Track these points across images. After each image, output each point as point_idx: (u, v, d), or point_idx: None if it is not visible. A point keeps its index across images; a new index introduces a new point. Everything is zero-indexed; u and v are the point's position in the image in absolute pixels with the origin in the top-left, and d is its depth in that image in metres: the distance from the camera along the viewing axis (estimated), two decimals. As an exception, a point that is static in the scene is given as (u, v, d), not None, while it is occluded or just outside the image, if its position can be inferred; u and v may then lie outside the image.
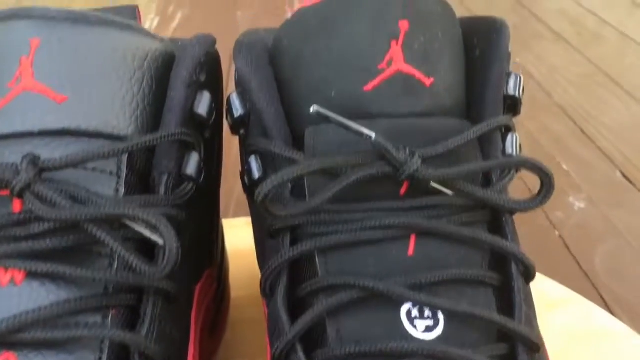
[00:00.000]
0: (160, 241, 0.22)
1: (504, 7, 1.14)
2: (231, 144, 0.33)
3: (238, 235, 0.43)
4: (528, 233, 0.40)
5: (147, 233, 0.22)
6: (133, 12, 0.33)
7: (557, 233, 0.55)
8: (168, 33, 1.00)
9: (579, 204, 0.58)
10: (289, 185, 0.26)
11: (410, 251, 0.24)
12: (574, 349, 0.37)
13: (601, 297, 0.48)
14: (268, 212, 0.22)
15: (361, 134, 0.23)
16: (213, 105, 0.28)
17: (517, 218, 0.26)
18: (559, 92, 0.81)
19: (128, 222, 0.22)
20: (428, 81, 0.25)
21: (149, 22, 1.04)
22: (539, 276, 0.25)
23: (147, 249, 0.24)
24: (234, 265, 0.42)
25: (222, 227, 0.38)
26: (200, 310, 0.29)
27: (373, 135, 0.23)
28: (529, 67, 0.87)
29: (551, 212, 0.57)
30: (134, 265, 0.22)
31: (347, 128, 0.23)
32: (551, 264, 0.51)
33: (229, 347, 0.37)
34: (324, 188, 0.23)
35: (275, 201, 0.25)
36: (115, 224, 0.23)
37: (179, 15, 1.08)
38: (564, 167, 0.65)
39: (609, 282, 0.49)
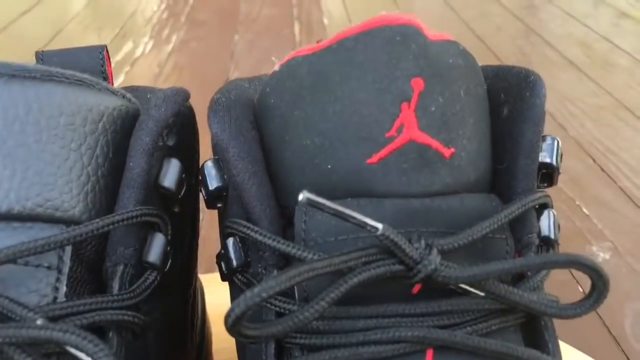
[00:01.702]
0: (100, 372, 0.16)
1: (513, 32, 1.09)
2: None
3: (224, 294, 0.38)
4: (547, 289, 0.35)
5: (84, 358, 0.17)
6: (98, 54, 0.28)
7: (580, 289, 0.50)
8: (163, 57, 0.96)
9: (604, 255, 0.53)
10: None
11: (427, 371, 0.19)
12: None
13: (633, 366, 0.43)
14: (243, 337, 0.17)
15: (365, 226, 0.18)
16: (183, 175, 0.23)
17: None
18: (574, 125, 0.76)
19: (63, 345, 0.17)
20: (447, 152, 0.21)
21: (143, 45, 1.00)
22: (564, 346, 0.21)
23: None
24: (219, 331, 0.37)
25: (202, 296, 0.33)
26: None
27: (380, 227, 0.18)
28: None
29: (581, 280, 0.52)
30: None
31: (347, 219, 0.18)
32: (575, 328, 0.46)
33: None
34: (318, 294, 0.18)
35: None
36: (44, 343, 0.18)
37: (174, 39, 1.04)
38: (585, 210, 0.59)
39: (641, 348, 0.44)
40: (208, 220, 0.58)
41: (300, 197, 0.18)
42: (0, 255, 0.18)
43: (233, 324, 0.16)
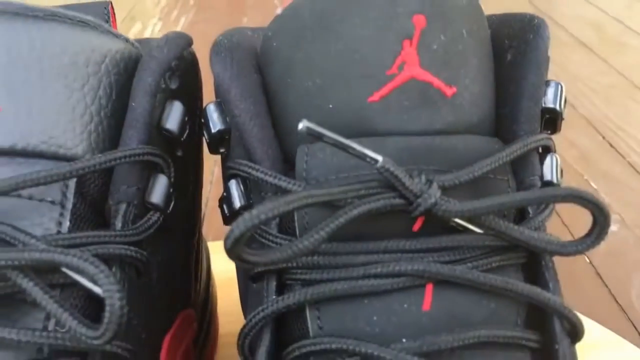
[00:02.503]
0: (101, 294, 0.17)
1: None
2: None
3: (230, 260, 0.38)
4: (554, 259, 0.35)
5: (86, 283, 0.17)
6: (103, 9, 0.28)
7: (587, 259, 0.49)
8: (171, 39, 0.96)
9: (611, 227, 0.52)
10: (277, 219, 0.21)
11: (426, 305, 0.19)
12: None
13: (639, 334, 0.43)
14: (242, 261, 0.17)
15: (365, 157, 0.18)
16: (186, 118, 0.23)
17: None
18: (584, 104, 0.75)
19: (65, 270, 0.18)
20: (449, 91, 0.20)
21: (151, 26, 1.00)
22: None
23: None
24: (225, 295, 0.37)
25: (207, 254, 0.33)
26: (171, 365, 0.24)
27: (380, 159, 0.18)
28: (549, 75, 0.82)
29: (580, 235, 0.51)
30: (67, 326, 0.17)
31: (346, 150, 0.18)
32: (582, 297, 0.45)
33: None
34: (318, 225, 0.18)
35: (256, 239, 0.20)
36: (49, 268, 0.18)
37: (182, 21, 1.04)
38: (593, 185, 0.59)
39: (648, 317, 0.44)
40: (215, 192, 0.59)
41: (300, 126, 0.18)
42: (4, 185, 0.18)
43: (232, 246, 0.16)
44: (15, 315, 0.18)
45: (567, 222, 0.52)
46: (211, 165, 0.60)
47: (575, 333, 0.20)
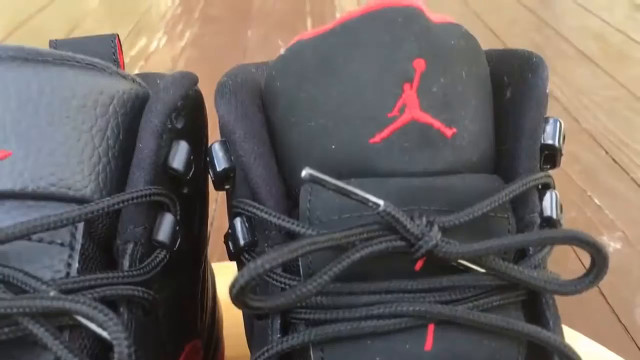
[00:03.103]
0: (109, 339, 0.17)
1: (526, 25, 1.09)
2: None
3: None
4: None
5: (94, 328, 0.18)
6: (110, 42, 0.28)
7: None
8: (176, 52, 0.97)
9: (615, 245, 0.53)
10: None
11: (428, 345, 0.19)
12: None
13: (643, 355, 0.43)
14: (247, 307, 0.17)
15: (367, 202, 0.19)
16: (192, 157, 0.23)
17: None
18: (587, 118, 0.75)
19: (74, 315, 0.18)
20: (449, 132, 0.21)
21: (157, 41, 1.01)
22: (572, 333, 0.21)
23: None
24: (231, 316, 0.37)
25: (212, 279, 0.34)
26: (176, 399, 0.24)
27: (381, 203, 0.19)
28: (553, 89, 0.82)
29: (583, 253, 0.51)
30: (78, 373, 0.17)
31: (348, 195, 0.19)
32: (585, 316, 0.46)
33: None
34: (321, 265, 0.19)
35: (260, 281, 0.21)
36: (57, 315, 0.18)
37: (187, 34, 1.05)
38: (596, 201, 0.59)
39: (652, 337, 0.44)
40: (220, 211, 0.59)
41: (303, 173, 0.18)
42: (15, 231, 0.19)
43: (237, 294, 0.17)
44: (26, 357, 0.19)
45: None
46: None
47: (575, 371, 0.21)
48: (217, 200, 0.60)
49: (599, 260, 0.20)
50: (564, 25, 1.08)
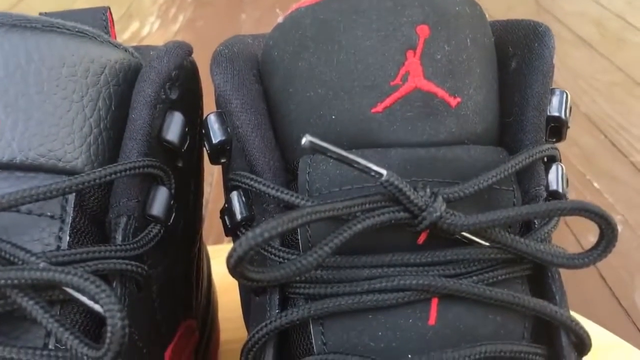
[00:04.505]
0: (102, 312, 0.16)
1: (525, 11, 1.08)
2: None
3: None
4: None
5: (86, 301, 0.17)
6: (101, 15, 0.27)
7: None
8: (169, 36, 0.96)
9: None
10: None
11: (432, 320, 0.19)
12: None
13: (643, 337, 0.43)
14: (245, 279, 0.17)
15: (369, 171, 0.18)
16: (187, 128, 0.22)
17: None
18: (586, 102, 0.75)
19: (66, 288, 0.17)
20: (454, 101, 0.20)
21: (149, 25, 1.00)
22: (574, 315, 0.20)
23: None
24: (226, 300, 0.37)
25: (207, 260, 0.33)
26: (172, 378, 0.23)
27: (384, 173, 0.18)
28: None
29: (583, 236, 0.51)
30: (68, 345, 0.16)
31: (350, 164, 0.18)
32: (586, 299, 0.45)
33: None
34: (321, 239, 0.18)
35: (258, 252, 0.20)
36: (48, 287, 0.18)
37: (180, 18, 1.03)
38: (596, 185, 0.59)
39: (652, 320, 0.44)
40: (215, 194, 0.59)
41: (303, 141, 0.18)
42: (3, 202, 0.18)
43: (235, 265, 0.16)
44: (15, 332, 0.18)
45: (574, 230, 0.52)
46: (210, 167, 0.60)
47: (582, 347, 0.20)
48: (212, 184, 0.60)
49: (607, 232, 0.19)
50: (562, 11, 1.08)
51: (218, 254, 0.38)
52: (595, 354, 0.36)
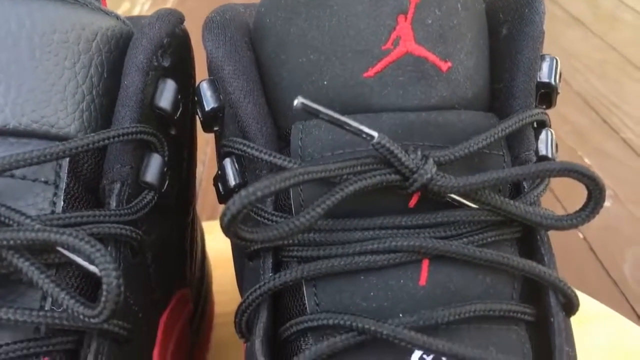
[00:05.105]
0: (98, 273, 0.17)
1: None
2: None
3: (225, 239, 0.38)
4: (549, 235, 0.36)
5: (81, 262, 0.17)
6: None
7: (580, 235, 0.50)
8: (162, 18, 0.95)
9: (605, 203, 0.53)
10: (272, 195, 0.21)
11: (422, 280, 0.19)
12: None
13: (632, 307, 0.43)
14: (239, 238, 0.17)
15: (360, 133, 0.18)
16: (179, 96, 0.23)
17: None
18: (578, 80, 0.75)
19: (61, 249, 0.18)
20: (444, 66, 0.20)
21: (140, 5, 0.99)
22: None
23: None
24: (220, 274, 0.37)
25: (201, 233, 0.33)
26: (167, 344, 0.24)
27: (375, 135, 0.18)
28: (543, 52, 0.82)
29: (568, 199, 0.51)
30: (64, 305, 0.17)
31: (342, 126, 0.18)
32: (576, 271, 0.46)
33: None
34: (314, 202, 0.18)
35: (252, 217, 0.20)
36: (44, 248, 0.18)
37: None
38: (587, 161, 0.59)
39: (639, 291, 0.44)
40: (208, 173, 0.59)
41: (295, 102, 0.18)
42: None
43: (228, 223, 0.16)
44: (11, 296, 0.18)
45: (560, 197, 0.52)
46: (203, 145, 0.60)
47: (570, 306, 0.20)
48: (204, 163, 0.60)
49: (595, 193, 0.19)
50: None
51: (212, 229, 0.38)
52: (587, 323, 0.37)
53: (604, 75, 0.76)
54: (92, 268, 0.17)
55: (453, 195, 0.20)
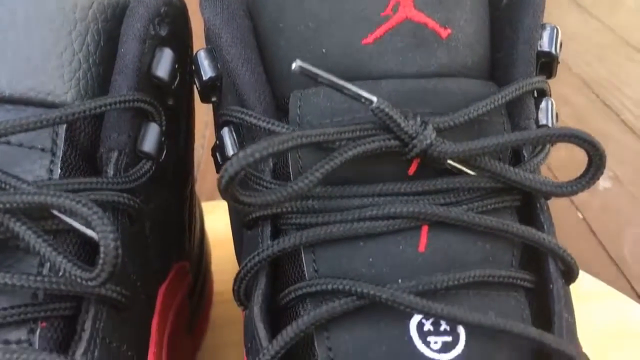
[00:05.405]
0: (95, 237, 0.16)
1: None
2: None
3: (225, 220, 0.38)
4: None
5: (79, 226, 0.17)
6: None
7: (580, 215, 0.50)
8: None
9: (604, 184, 0.53)
10: (270, 163, 0.21)
11: (422, 247, 0.19)
12: (608, 349, 0.32)
13: (632, 287, 0.43)
14: (236, 201, 0.17)
15: (359, 98, 0.18)
16: (177, 65, 0.22)
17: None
18: (579, 63, 0.75)
19: (57, 213, 0.17)
20: (444, 32, 0.20)
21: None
22: None
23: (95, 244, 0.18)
24: (219, 254, 0.37)
25: (200, 212, 0.33)
26: (166, 315, 0.24)
27: (374, 99, 0.18)
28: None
29: (560, 170, 0.51)
30: (62, 269, 0.16)
31: (341, 90, 0.18)
32: (575, 251, 0.46)
33: (209, 350, 0.32)
34: (312, 167, 0.18)
35: (250, 186, 0.20)
36: (42, 214, 0.18)
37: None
38: (586, 142, 0.59)
39: (639, 270, 0.44)
40: (207, 156, 0.58)
41: (293, 66, 0.18)
42: (-7, 130, 0.18)
43: (226, 185, 0.16)
44: (8, 261, 0.18)
45: (558, 177, 0.52)
46: (202, 128, 0.60)
47: (569, 274, 0.20)
48: (203, 146, 0.59)
49: (595, 159, 0.19)
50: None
51: (211, 209, 0.38)
52: (587, 300, 0.37)
53: (604, 58, 0.76)
54: (89, 232, 0.17)
55: (452, 163, 0.19)
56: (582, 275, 0.39)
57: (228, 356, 0.32)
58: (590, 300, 0.36)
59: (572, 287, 0.35)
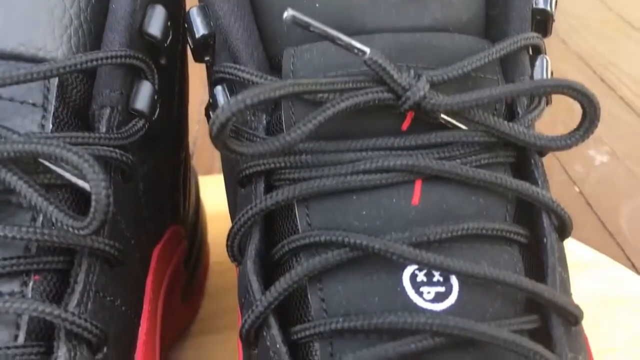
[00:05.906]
0: (86, 187, 0.16)
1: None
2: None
3: (222, 194, 0.38)
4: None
5: (69, 177, 0.17)
6: None
7: (577, 189, 0.50)
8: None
9: (601, 158, 0.53)
10: (264, 120, 0.21)
11: (415, 200, 0.19)
12: (604, 316, 0.32)
13: (628, 258, 0.43)
14: (228, 149, 0.17)
15: (352, 49, 0.18)
16: (169, 23, 0.22)
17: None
18: (576, 40, 0.74)
19: (48, 164, 0.17)
20: (438, -15, 0.20)
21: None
22: None
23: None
24: (216, 227, 0.37)
25: (196, 181, 0.33)
26: (161, 276, 0.24)
27: (367, 50, 0.18)
28: None
29: (570, 165, 0.51)
30: (53, 219, 0.16)
31: (333, 40, 0.18)
32: (573, 224, 0.46)
33: (204, 318, 0.32)
34: (304, 119, 0.18)
35: (243, 140, 0.20)
36: (35, 166, 0.18)
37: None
38: (583, 118, 0.59)
39: (636, 242, 0.44)
40: (203, 131, 0.58)
41: (285, 14, 0.17)
42: (-17, 83, 0.18)
43: (217, 132, 0.16)
44: (1, 215, 0.18)
45: (557, 154, 0.52)
46: (197, 104, 0.59)
47: (563, 229, 0.20)
48: (199, 121, 0.59)
49: (590, 111, 0.19)
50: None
51: (207, 184, 0.38)
52: (584, 269, 0.37)
53: (601, 34, 0.76)
54: (81, 183, 0.17)
55: (446, 117, 0.19)
56: (577, 245, 0.39)
57: (218, 324, 0.32)
58: (587, 269, 0.36)
59: (568, 256, 0.35)
